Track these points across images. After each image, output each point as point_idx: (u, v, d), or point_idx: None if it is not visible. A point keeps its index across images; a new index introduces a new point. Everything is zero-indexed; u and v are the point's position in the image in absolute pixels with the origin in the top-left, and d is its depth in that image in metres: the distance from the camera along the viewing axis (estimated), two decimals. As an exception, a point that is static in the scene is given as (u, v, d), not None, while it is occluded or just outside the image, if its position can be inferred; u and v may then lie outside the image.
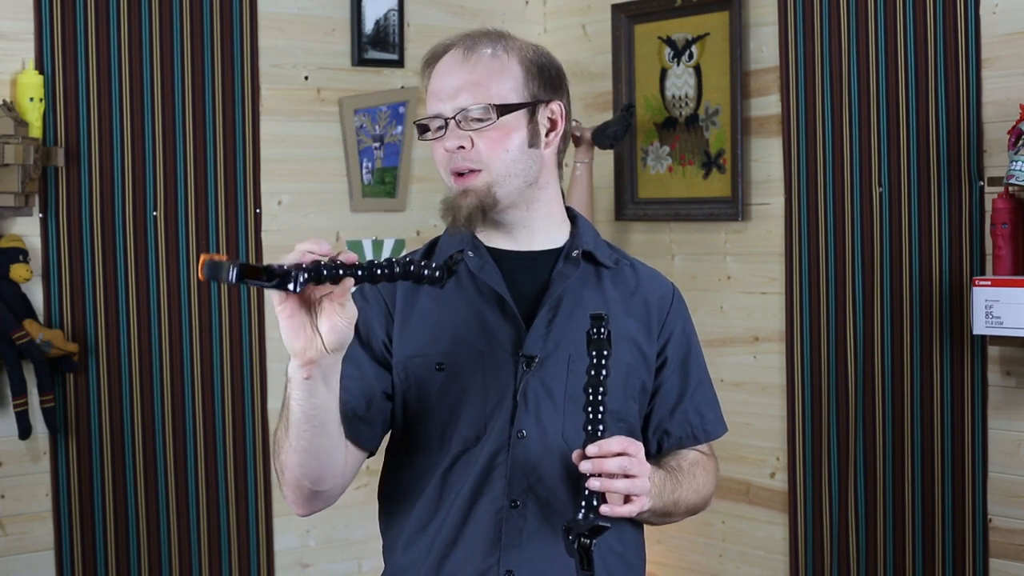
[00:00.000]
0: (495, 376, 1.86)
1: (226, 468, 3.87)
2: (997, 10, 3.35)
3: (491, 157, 1.87)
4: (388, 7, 4.20)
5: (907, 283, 3.53)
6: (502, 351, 1.87)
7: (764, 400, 3.91)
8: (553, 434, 1.85)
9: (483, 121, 1.86)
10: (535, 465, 1.84)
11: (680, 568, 4.22)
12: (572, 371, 1.86)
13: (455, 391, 1.87)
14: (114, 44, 3.68)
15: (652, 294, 1.98)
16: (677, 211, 4.13)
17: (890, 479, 3.60)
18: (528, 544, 1.83)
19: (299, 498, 1.82)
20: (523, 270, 1.92)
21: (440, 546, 1.87)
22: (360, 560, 4.11)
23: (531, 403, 1.85)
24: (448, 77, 1.88)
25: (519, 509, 1.84)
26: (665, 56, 4.14)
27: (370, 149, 4.18)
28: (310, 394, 1.67)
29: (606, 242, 2.01)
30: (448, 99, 1.87)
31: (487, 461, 1.85)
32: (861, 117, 3.60)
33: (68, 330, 3.62)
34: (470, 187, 1.87)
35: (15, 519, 3.60)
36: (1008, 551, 3.41)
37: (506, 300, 1.88)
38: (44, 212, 3.59)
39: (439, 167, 1.91)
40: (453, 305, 1.90)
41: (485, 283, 1.90)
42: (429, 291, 1.92)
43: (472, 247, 1.93)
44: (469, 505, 1.85)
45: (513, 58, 1.90)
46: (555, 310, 1.89)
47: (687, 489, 1.93)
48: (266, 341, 3.94)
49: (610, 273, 1.96)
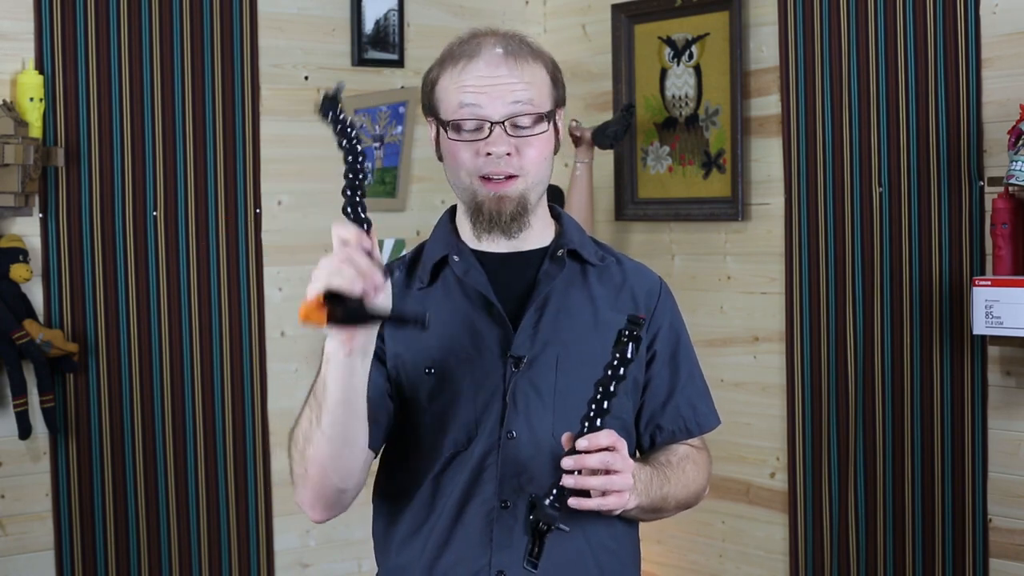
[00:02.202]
0: (484, 378, 1.86)
1: (226, 468, 3.87)
2: (997, 10, 3.35)
3: (533, 165, 1.86)
4: (388, 7, 4.20)
5: (907, 283, 3.53)
6: (490, 353, 1.86)
7: (764, 400, 3.91)
8: (543, 434, 1.85)
9: (528, 128, 1.85)
10: (525, 465, 1.84)
11: (680, 568, 4.22)
12: (561, 370, 1.86)
13: (445, 395, 1.87)
14: (114, 44, 3.68)
15: (639, 288, 1.96)
16: (677, 211, 4.13)
17: (890, 479, 3.60)
18: (519, 544, 1.82)
19: (320, 499, 1.81)
20: (510, 271, 1.91)
21: (432, 548, 1.87)
22: (360, 560, 4.11)
23: (520, 404, 1.85)
24: (494, 79, 1.84)
25: (510, 509, 1.84)
26: (665, 56, 4.14)
27: (370, 149, 4.18)
28: (351, 373, 1.66)
29: (592, 239, 2.00)
30: (497, 101, 1.84)
31: (478, 463, 1.85)
32: (861, 117, 3.60)
33: (68, 330, 3.62)
34: (506, 193, 1.85)
35: (15, 519, 3.60)
36: (1008, 551, 3.41)
37: (492, 302, 1.88)
38: (44, 212, 3.59)
39: (462, 168, 1.86)
40: (441, 309, 1.89)
41: (471, 286, 1.89)
42: (417, 296, 1.92)
43: (457, 251, 1.92)
44: (461, 506, 1.85)
45: (542, 64, 1.89)
46: (542, 310, 1.89)
47: (676, 484, 1.91)
48: (266, 341, 3.94)
49: (596, 270, 1.95)
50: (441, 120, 1.88)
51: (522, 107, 1.84)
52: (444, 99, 1.88)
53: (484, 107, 1.84)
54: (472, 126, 1.85)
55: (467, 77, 1.85)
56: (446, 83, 1.88)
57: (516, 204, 1.86)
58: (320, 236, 4.08)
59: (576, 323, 1.89)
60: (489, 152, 1.84)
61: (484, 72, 1.85)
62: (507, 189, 1.85)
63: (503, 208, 1.86)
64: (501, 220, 1.86)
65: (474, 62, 1.86)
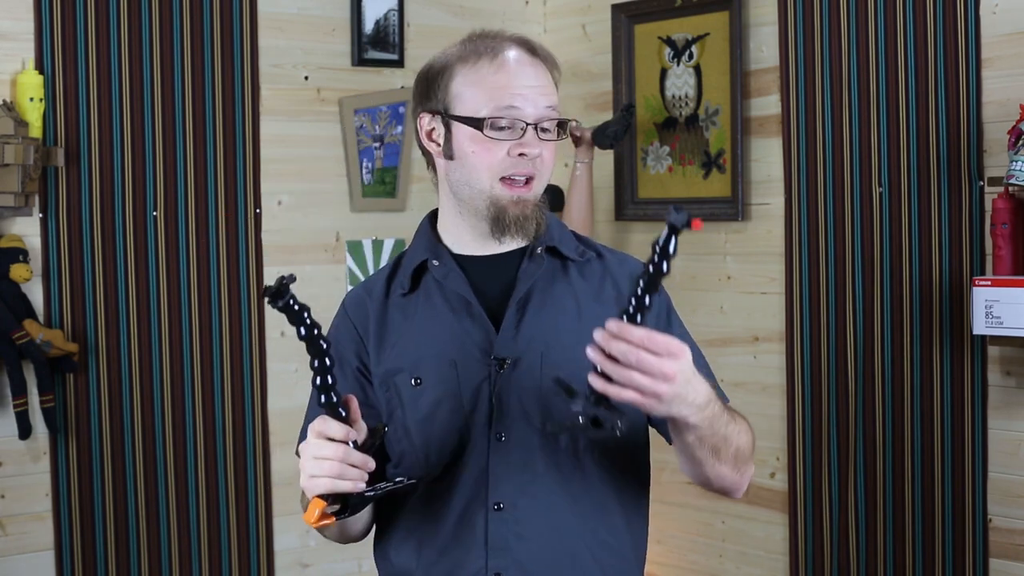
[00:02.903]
0: (470, 382, 1.85)
1: (226, 468, 3.87)
2: (997, 10, 3.35)
3: (547, 168, 1.87)
4: (388, 7, 4.20)
5: (907, 283, 3.53)
6: (474, 356, 1.85)
7: (764, 400, 3.91)
8: (531, 434, 1.83)
9: (550, 133, 1.86)
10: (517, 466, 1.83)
11: (680, 568, 4.22)
12: (546, 368, 1.83)
13: (434, 402, 1.86)
14: (114, 44, 3.68)
15: (622, 277, 1.93)
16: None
17: (890, 479, 3.60)
18: (515, 547, 1.82)
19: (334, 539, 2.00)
20: (492, 273, 1.90)
21: (429, 552, 1.87)
22: (360, 560, 4.11)
23: (507, 405, 1.83)
24: (528, 78, 1.84)
25: (504, 511, 1.83)
26: (665, 56, 4.14)
27: (370, 149, 4.18)
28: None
29: (573, 234, 1.98)
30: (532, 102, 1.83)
31: (469, 466, 1.84)
32: (861, 117, 3.60)
33: (68, 330, 3.61)
34: (527, 196, 1.85)
35: (15, 519, 3.60)
36: (1008, 551, 3.41)
37: (472, 304, 1.87)
38: (44, 212, 3.59)
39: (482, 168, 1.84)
40: (423, 317, 1.89)
41: (452, 290, 1.88)
42: (400, 304, 1.91)
43: (436, 256, 1.91)
44: (456, 510, 1.85)
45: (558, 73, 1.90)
46: (523, 309, 1.87)
47: (736, 429, 1.84)
48: (266, 341, 3.94)
49: (577, 265, 1.92)
50: (461, 117, 1.85)
51: (552, 112, 1.85)
52: (468, 92, 1.85)
53: (522, 108, 1.83)
54: (501, 124, 1.83)
55: (503, 74, 1.84)
56: (472, 77, 1.85)
57: (533, 207, 1.86)
58: (320, 236, 4.12)
59: (559, 319, 1.87)
60: (523, 152, 1.83)
61: (518, 70, 1.84)
62: (528, 193, 1.85)
63: (526, 212, 1.85)
64: (524, 222, 1.85)
65: (507, 60, 1.84)
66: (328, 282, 4.08)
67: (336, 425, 1.66)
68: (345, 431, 1.66)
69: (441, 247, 1.92)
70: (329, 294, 4.05)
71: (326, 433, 1.66)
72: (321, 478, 1.66)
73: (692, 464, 1.84)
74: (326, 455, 1.66)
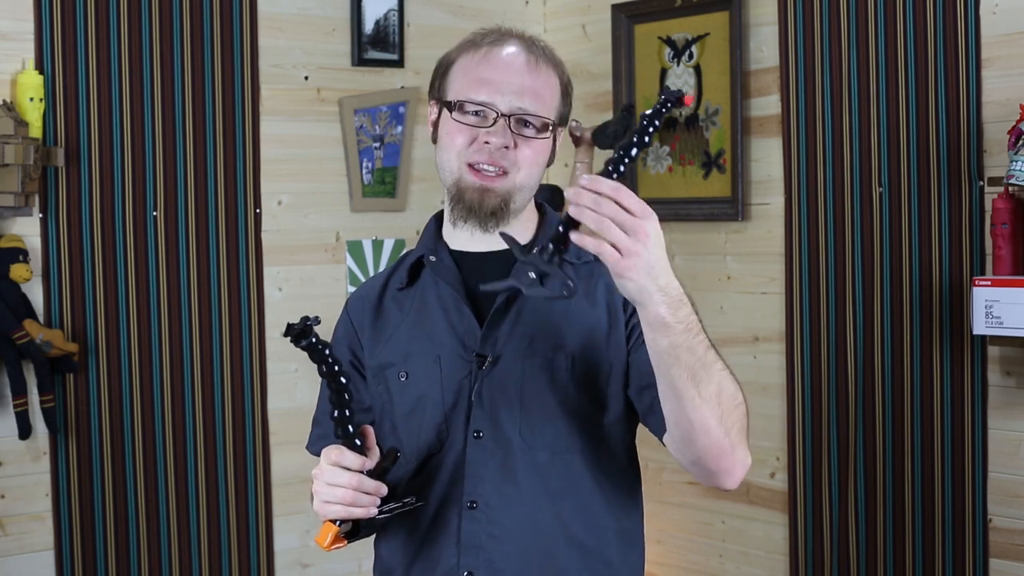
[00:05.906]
0: (452, 378, 1.85)
1: (226, 468, 3.87)
2: (997, 10, 3.35)
3: (526, 162, 1.84)
4: (388, 7, 4.20)
5: (907, 283, 3.53)
6: (458, 353, 1.85)
7: (764, 400, 3.91)
8: (510, 433, 1.82)
9: (534, 130, 1.84)
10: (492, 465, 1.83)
11: (680, 568, 4.22)
12: (528, 367, 1.83)
13: (418, 397, 1.87)
14: (114, 44, 3.68)
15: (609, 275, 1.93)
16: (677, 211, 4.13)
17: (890, 479, 3.60)
18: (488, 546, 1.82)
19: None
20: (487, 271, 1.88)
21: (410, 548, 1.88)
22: (360, 560, 4.11)
23: (486, 403, 1.83)
24: (511, 73, 1.83)
25: (478, 510, 1.83)
26: (665, 56, 4.15)
27: (370, 149, 4.18)
28: None
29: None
30: (509, 95, 1.82)
31: (448, 463, 1.84)
32: (861, 117, 3.60)
33: (68, 330, 3.62)
34: (493, 187, 1.84)
35: (15, 519, 3.60)
36: (1008, 551, 3.41)
37: (460, 299, 1.87)
38: (44, 212, 3.59)
39: (451, 151, 1.85)
40: (417, 312, 1.90)
41: (444, 285, 1.89)
42: (397, 298, 1.93)
43: (434, 251, 1.92)
44: (435, 508, 1.85)
45: (558, 76, 1.89)
46: (510, 307, 1.86)
47: (719, 366, 1.68)
48: (266, 341, 3.94)
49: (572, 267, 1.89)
50: (447, 101, 1.87)
51: (530, 106, 1.83)
52: (456, 80, 1.87)
53: (494, 97, 1.83)
54: (477, 111, 1.83)
55: (485, 65, 1.85)
56: (463, 65, 1.87)
57: (500, 200, 1.84)
58: (320, 236, 4.12)
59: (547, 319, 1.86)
60: (487, 141, 1.82)
61: (503, 64, 1.84)
62: (494, 184, 1.83)
63: (485, 200, 1.84)
64: (481, 211, 1.84)
65: (495, 52, 1.85)
66: (328, 282, 4.09)
67: (351, 456, 1.71)
68: (360, 461, 1.71)
69: (441, 244, 1.93)
70: (329, 294, 4.06)
71: (341, 463, 1.70)
72: (335, 505, 1.71)
73: (674, 402, 1.67)
74: (340, 483, 1.70)
